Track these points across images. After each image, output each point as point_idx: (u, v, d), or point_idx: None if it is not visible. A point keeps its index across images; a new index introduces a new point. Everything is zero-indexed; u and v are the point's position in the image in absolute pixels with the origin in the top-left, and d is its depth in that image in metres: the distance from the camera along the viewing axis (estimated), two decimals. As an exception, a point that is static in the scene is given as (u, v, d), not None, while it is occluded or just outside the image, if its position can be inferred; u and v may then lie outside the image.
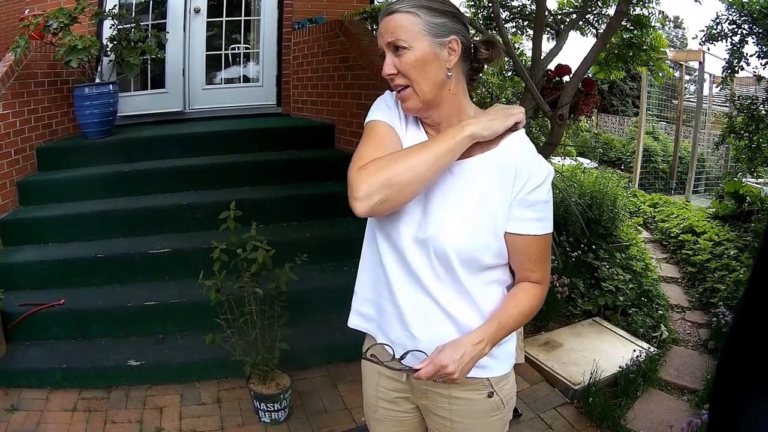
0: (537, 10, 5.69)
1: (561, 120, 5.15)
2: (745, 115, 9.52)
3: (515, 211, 1.97)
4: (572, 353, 5.51)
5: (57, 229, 5.80)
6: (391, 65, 1.97)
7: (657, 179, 15.73)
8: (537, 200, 1.97)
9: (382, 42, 1.98)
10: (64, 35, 6.31)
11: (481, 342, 1.96)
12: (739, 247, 8.26)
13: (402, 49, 1.93)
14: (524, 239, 2.00)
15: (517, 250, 2.04)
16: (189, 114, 8.31)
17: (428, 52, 1.93)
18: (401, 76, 1.96)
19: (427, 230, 1.99)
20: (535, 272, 2.08)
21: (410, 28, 1.92)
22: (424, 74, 1.95)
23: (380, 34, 1.99)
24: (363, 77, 6.66)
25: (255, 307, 4.23)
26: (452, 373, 1.91)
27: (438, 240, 1.97)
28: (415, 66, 1.93)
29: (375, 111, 2.13)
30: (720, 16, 8.89)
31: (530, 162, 1.99)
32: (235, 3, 8.42)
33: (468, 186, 1.99)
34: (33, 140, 6.42)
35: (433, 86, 1.97)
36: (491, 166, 1.99)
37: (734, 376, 1.25)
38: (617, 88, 28.19)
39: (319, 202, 6.45)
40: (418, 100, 1.98)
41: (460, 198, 1.99)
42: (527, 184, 1.95)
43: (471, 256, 1.98)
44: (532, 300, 2.07)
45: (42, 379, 4.59)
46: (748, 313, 1.25)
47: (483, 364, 2.08)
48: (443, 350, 1.94)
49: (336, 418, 4.45)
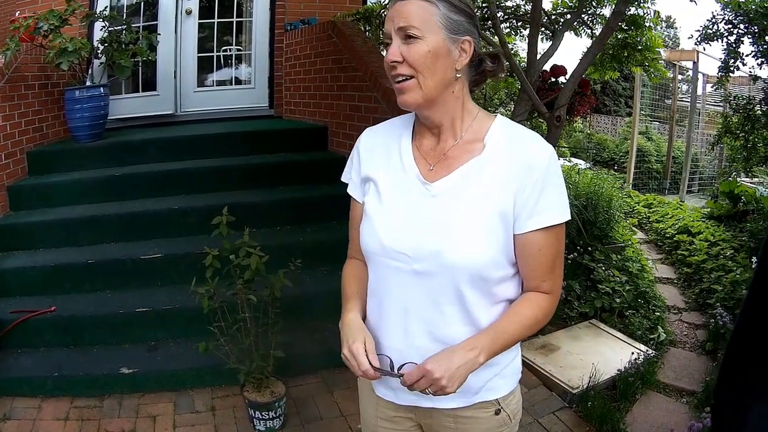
0: (533, 10, 5.68)
1: (558, 121, 5.14)
2: (740, 115, 9.53)
3: (526, 207, 1.88)
4: (570, 356, 5.48)
5: (48, 234, 5.74)
6: (397, 52, 1.86)
7: (651, 179, 15.81)
8: (546, 184, 1.88)
9: (391, 27, 1.87)
10: (54, 37, 6.27)
11: (474, 349, 1.84)
12: (735, 247, 8.27)
13: (413, 38, 1.83)
14: (539, 236, 1.90)
15: (530, 253, 1.93)
16: (180, 117, 8.28)
17: (441, 47, 1.85)
18: (406, 65, 1.86)
19: (424, 261, 1.91)
20: (547, 281, 1.98)
21: (427, 18, 1.83)
22: (432, 68, 1.86)
23: (390, 18, 1.88)
24: (356, 79, 6.64)
25: (249, 314, 4.19)
26: (440, 379, 1.78)
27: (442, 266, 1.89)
28: (426, 58, 1.84)
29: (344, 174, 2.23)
30: (716, 15, 8.87)
31: (525, 149, 1.92)
32: (227, 4, 8.39)
33: (457, 203, 1.92)
34: (24, 144, 6.37)
35: (439, 84, 1.88)
36: (483, 171, 1.92)
37: (737, 380, 1.24)
38: (610, 88, 28.27)
39: (312, 205, 6.42)
40: (420, 94, 1.88)
41: (454, 218, 1.91)
42: (532, 171, 1.87)
43: (479, 274, 1.89)
44: (537, 311, 1.97)
45: (34, 388, 4.55)
46: (751, 316, 1.23)
47: (491, 385, 2.04)
48: (432, 357, 1.85)
49: (332, 426, 4.42)
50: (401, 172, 2.03)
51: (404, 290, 1.96)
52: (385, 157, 2.09)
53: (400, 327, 1.99)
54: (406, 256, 1.93)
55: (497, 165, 1.91)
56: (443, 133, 2.00)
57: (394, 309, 2.00)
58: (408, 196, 1.99)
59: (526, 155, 1.89)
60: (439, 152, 2.00)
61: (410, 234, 1.93)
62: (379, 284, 2.05)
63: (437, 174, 1.97)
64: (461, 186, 1.92)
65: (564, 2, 6.56)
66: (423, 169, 2.00)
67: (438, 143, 2.01)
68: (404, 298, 1.97)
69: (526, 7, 6.52)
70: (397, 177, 2.03)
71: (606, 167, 17.17)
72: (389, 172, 2.06)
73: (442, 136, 2.00)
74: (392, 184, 2.03)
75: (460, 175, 1.93)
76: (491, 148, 1.94)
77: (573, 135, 17.83)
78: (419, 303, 1.95)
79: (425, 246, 1.90)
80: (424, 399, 1.94)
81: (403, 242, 1.94)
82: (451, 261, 1.86)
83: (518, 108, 5.62)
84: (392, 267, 1.97)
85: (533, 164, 1.87)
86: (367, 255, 2.08)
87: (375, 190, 2.07)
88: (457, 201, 1.91)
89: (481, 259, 1.87)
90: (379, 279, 2.05)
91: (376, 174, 2.07)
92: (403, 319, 1.98)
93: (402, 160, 2.04)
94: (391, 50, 1.87)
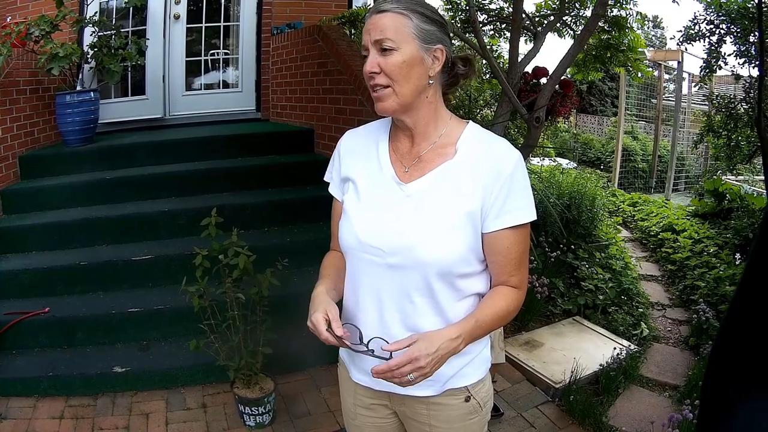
0: (514, 12, 5.74)
1: (538, 122, 5.20)
2: (723, 113, 9.60)
3: (494, 208, 1.97)
4: (553, 352, 5.57)
5: (40, 237, 5.78)
6: (374, 63, 1.96)
7: (637, 178, 15.84)
8: (513, 188, 1.98)
9: (368, 39, 1.97)
10: (45, 43, 6.30)
11: (458, 338, 1.92)
12: (719, 244, 8.35)
13: (389, 50, 1.93)
14: (506, 234, 2.00)
15: (498, 251, 2.03)
16: (169, 120, 8.29)
17: (415, 56, 1.94)
18: (383, 75, 1.96)
19: (397, 256, 2.01)
20: (514, 276, 2.07)
21: (401, 30, 1.93)
22: (407, 77, 1.95)
23: (367, 30, 1.98)
24: (341, 82, 6.69)
25: (238, 312, 4.26)
26: (424, 367, 1.83)
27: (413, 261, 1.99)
28: (401, 68, 1.94)
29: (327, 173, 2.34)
30: (698, 16, 8.97)
31: (493, 154, 2.02)
32: (214, 8, 8.40)
33: (430, 203, 2.02)
34: (15, 149, 6.41)
35: (414, 91, 1.98)
36: (454, 174, 2.02)
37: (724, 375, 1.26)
38: (596, 88, 28.32)
39: (299, 206, 6.47)
40: (396, 101, 1.98)
41: (426, 217, 2.00)
42: (499, 175, 1.96)
43: (448, 270, 1.99)
44: (510, 303, 2.06)
45: (29, 388, 4.61)
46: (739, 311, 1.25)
47: (461, 373, 2.13)
48: (417, 342, 1.87)
49: (320, 421, 4.49)
50: (378, 172, 2.12)
51: (379, 282, 2.07)
52: (363, 159, 2.19)
53: (376, 316, 2.09)
54: (380, 250, 2.03)
55: (468, 169, 2.01)
56: (416, 136, 2.09)
57: (370, 299, 2.10)
58: (384, 195, 2.09)
59: (495, 160, 2.00)
60: (414, 155, 2.10)
61: (385, 231, 2.03)
62: (357, 276, 2.15)
63: (411, 176, 2.07)
64: (434, 187, 2.02)
65: (547, 4, 6.61)
66: (399, 170, 2.10)
67: (413, 146, 2.11)
68: (379, 289, 2.07)
69: (509, 9, 6.55)
70: (374, 177, 2.13)
71: (592, 167, 17.21)
72: (367, 173, 2.15)
73: (416, 139, 2.10)
74: (370, 184, 2.13)
75: (433, 177, 2.03)
76: (462, 153, 2.04)
77: (559, 135, 17.85)
78: (393, 294, 2.05)
79: (398, 242, 2.00)
80: (398, 386, 2.01)
81: (378, 238, 2.04)
82: (422, 256, 1.97)
83: (500, 109, 5.67)
84: (368, 261, 2.07)
85: (501, 168, 1.97)
86: (345, 249, 2.18)
87: (353, 189, 2.16)
88: (429, 201, 2.01)
89: (450, 255, 1.97)
90: (357, 272, 2.15)
91: (355, 174, 2.17)
92: (379, 308, 2.08)
93: (379, 162, 2.14)
94: (369, 62, 1.97)
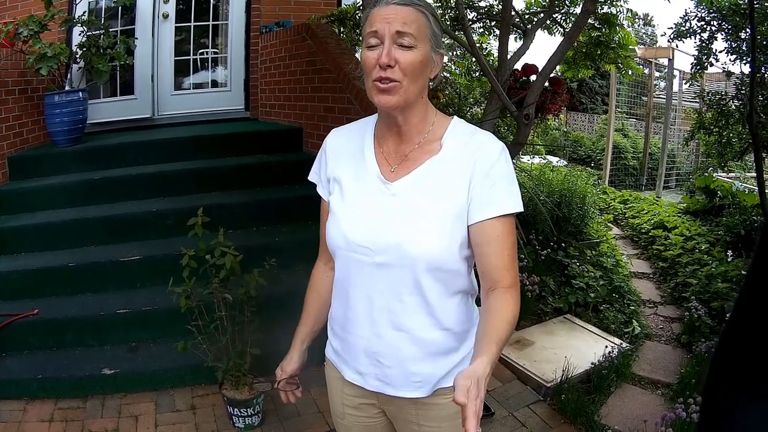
0: (503, 9, 5.72)
1: (527, 120, 5.19)
2: (714, 110, 9.60)
3: (479, 198, 1.95)
4: (544, 351, 5.56)
5: (29, 238, 5.76)
6: (392, 56, 1.89)
7: (627, 176, 15.86)
8: (498, 178, 1.96)
9: (387, 29, 1.89)
10: (34, 43, 6.27)
11: (490, 363, 1.71)
12: (711, 241, 8.37)
13: (410, 46, 1.90)
14: (493, 224, 1.95)
15: (488, 240, 1.97)
16: (158, 120, 8.27)
17: (428, 57, 1.95)
18: (398, 70, 1.90)
19: (384, 253, 2.00)
20: (509, 271, 2.01)
21: (422, 28, 1.92)
22: (419, 76, 1.95)
23: (384, 18, 1.90)
24: (330, 80, 6.68)
25: (225, 312, 4.24)
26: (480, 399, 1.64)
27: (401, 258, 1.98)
28: (417, 67, 1.92)
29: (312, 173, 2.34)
30: (689, 13, 8.98)
31: (477, 146, 2.01)
32: (203, 7, 8.38)
33: (415, 200, 2.01)
34: (4, 149, 6.39)
35: (419, 90, 1.98)
36: (440, 169, 2.01)
37: (728, 377, 1.21)
38: (586, 85, 28.32)
39: (287, 206, 6.48)
40: (402, 98, 1.94)
41: (412, 213, 1.99)
42: (483, 166, 1.96)
43: (436, 265, 1.98)
44: (514, 308, 1.97)
45: (19, 390, 4.58)
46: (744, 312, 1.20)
47: (452, 373, 2.09)
48: (457, 379, 1.59)
49: (309, 422, 4.48)
50: (364, 171, 2.11)
51: (368, 281, 2.05)
52: (349, 158, 2.18)
53: (366, 316, 2.08)
54: (368, 249, 2.02)
55: (452, 163, 2.00)
56: (404, 134, 2.08)
57: (360, 299, 2.09)
58: (370, 194, 2.07)
59: (479, 152, 1.98)
60: (400, 153, 2.08)
61: (372, 229, 2.02)
62: (345, 276, 2.14)
63: (397, 174, 2.05)
64: (419, 184, 2.02)
65: (537, 1, 6.61)
66: (384, 169, 2.08)
67: (400, 144, 2.09)
68: (368, 288, 2.06)
69: (498, 6, 6.54)
70: (360, 176, 2.12)
71: (583, 164, 17.21)
72: (353, 172, 2.14)
73: (403, 137, 2.08)
74: (355, 183, 2.12)
75: (419, 174, 2.02)
76: (447, 148, 2.03)
77: (549, 133, 17.84)
78: (382, 293, 2.04)
79: (385, 239, 1.99)
80: (388, 386, 2.03)
81: (365, 237, 2.03)
82: (409, 252, 1.95)
83: (489, 106, 5.66)
84: (356, 260, 2.06)
85: (485, 160, 1.97)
86: (332, 249, 2.16)
87: (339, 188, 2.15)
88: (415, 198, 2.00)
89: (437, 249, 1.95)
90: (345, 271, 2.14)
91: (341, 174, 2.16)
92: (368, 308, 2.07)
93: (365, 161, 2.13)
94: (385, 53, 1.89)
